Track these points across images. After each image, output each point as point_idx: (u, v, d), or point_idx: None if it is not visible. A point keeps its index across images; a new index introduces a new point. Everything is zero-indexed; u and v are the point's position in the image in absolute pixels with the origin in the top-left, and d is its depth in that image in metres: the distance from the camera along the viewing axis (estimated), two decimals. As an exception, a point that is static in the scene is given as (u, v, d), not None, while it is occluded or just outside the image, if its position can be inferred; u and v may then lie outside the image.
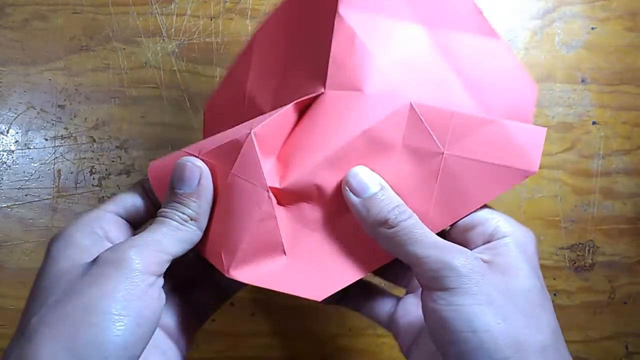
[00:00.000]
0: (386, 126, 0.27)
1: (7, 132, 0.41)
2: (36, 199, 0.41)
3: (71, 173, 0.41)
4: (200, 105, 0.41)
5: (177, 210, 0.26)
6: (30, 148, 0.41)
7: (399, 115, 0.27)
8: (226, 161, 0.27)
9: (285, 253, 0.27)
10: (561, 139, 0.42)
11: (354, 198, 0.26)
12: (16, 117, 0.41)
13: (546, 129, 0.27)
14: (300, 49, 0.30)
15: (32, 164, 0.41)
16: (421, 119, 0.27)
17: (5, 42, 0.41)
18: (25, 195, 0.41)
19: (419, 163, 0.27)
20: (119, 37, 0.41)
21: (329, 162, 0.27)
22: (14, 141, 0.41)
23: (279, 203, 0.27)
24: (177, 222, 0.26)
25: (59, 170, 0.41)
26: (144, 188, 0.29)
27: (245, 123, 0.28)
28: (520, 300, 0.24)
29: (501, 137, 0.27)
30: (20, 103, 0.41)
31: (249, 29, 0.42)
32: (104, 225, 0.27)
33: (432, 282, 0.24)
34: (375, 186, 0.26)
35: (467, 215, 0.27)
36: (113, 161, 0.41)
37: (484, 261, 0.25)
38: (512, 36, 0.42)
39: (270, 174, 0.27)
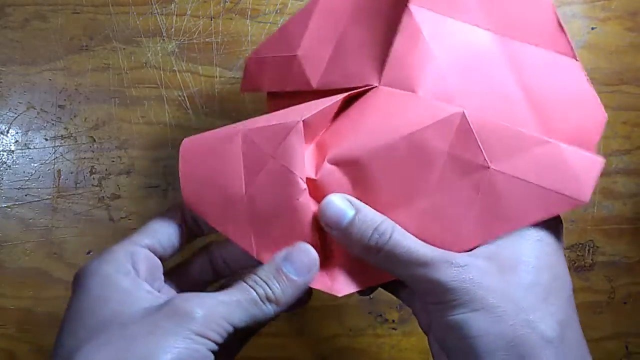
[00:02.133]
0: (433, 132, 0.26)
1: (7, 132, 0.41)
2: (36, 199, 0.41)
3: (71, 173, 0.41)
4: (200, 105, 0.41)
5: (267, 285, 0.25)
6: (30, 148, 0.41)
7: (449, 123, 0.25)
8: (270, 143, 0.26)
9: (313, 247, 0.26)
10: (561, 139, 0.42)
11: (333, 232, 0.26)
12: (16, 117, 0.41)
13: (604, 159, 0.26)
14: (362, 30, 0.29)
15: (32, 164, 0.41)
16: (471, 129, 0.25)
17: (5, 42, 0.41)
18: (25, 195, 0.41)
19: (463, 174, 0.25)
20: (119, 37, 0.41)
21: (367, 160, 0.26)
22: (14, 141, 0.41)
23: (310, 194, 0.27)
24: (260, 297, 0.25)
25: (59, 170, 0.41)
26: (182, 214, 0.29)
27: (295, 107, 0.28)
28: (519, 298, 0.23)
29: (554, 161, 0.25)
30: (20, 103, 0.41)
31: (249, 29, 0.42)
32: (137, 265, 0.26)
33: (426, 298, 0.25)
34: (351, 210, 0.26)
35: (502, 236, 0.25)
36: (113, 161, 0.41)
37: (489, 256, 0.24)
38: (512, 36, 0.42)
39: (307, 162, 0.26)
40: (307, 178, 0.26)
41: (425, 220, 0.26)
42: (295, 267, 0.26)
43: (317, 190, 0.27)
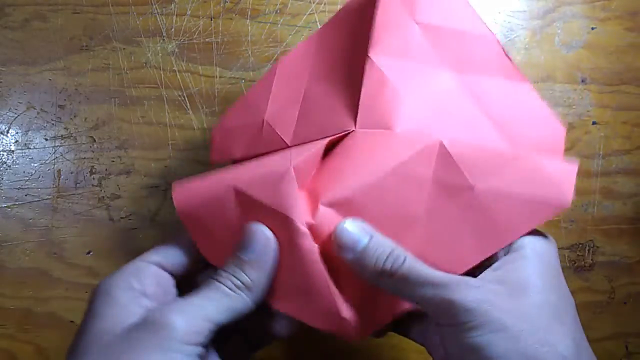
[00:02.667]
0: (416, 162, 0.27)
1: (7, 132, 0.41)
2: (36, 199, 0.41)
3: (71, 173, 0.41)
4: (200, 105, 0.41)
5: (232, 275, 0.26)
6: (30, 148, 0.41)
7: (428, 151, 0.27)
8: (263, 192, 0.27)
9: (336, 304, 0.27)
10: (561, 139, 0.42)
11: (345, 255, 0.26)
12: (16, 117, 0.41)
13: (578, 163, 0.27)
14: (324, 86, 0.31)
15: (32, 164, 0.41)
16: (450, 154, 0.27)
17: (5, 42, 0.41)
18: (25, 195, 0.41)
19: (450, 198, 0.27)
20: (119, 37, 0.41)
21: (360, 198, 0.27)
22: (14, 141, 0.41)
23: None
24: (229, 288, 0.26)
25: (59, 170, 0.41)
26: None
27: (279, 152, 0.29)
28: (534, 317, 0.24)
29: (532, 172, 0.26)
30: (20, 103, 0.41)
31: (249, 29, 0.42)
32: (143, 279, 0.27)
33: (441, 320, 0.24)
34: (365, 237, 0.26)
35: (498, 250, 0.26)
36: (113, 161, 0.41)
37: (498, 280, 0.25)
38: (512, 36, 0.42)
39: (302, 208, 0.27)
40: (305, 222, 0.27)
41: (423, 246, 0.27)
42: (252, 249, 0.26)
43: (316, 233, 0.27)
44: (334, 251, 0.26)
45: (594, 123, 0.42)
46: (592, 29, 0.43)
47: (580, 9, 0.43)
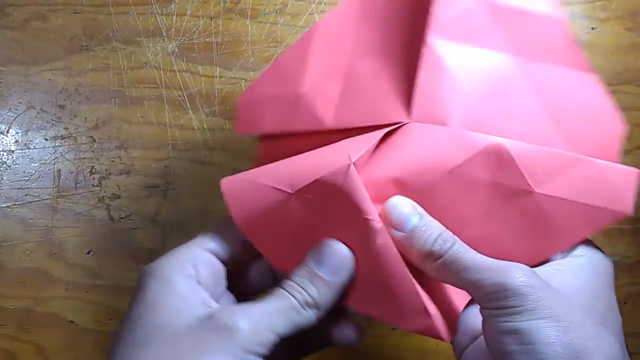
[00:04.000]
0: (475, 164, 0.26)
1: (7, 132, 0.41)
2: (36, 199, 0.41)
3: (71, 173, 0.41)
4: (200, 105, 0.41)
5: (303, 289, 0.25)
6: (30, 148, 0.41)
7: (488, 153, 0.26)
8: (327, 196, 0.26)
9: (422, 300, 0.25)
10: (561, 139, 0.42)
11: (396, 233, 0.26)
12: (16, 117, 0.41)
13: (639, 171, 0.26)
14: (372, 64, 0.29)
15: (32, 164, 0.41)
16: (512, 157, 0.26)
17: (6, 42, 0.41)
18: (25, 195, 0.41)
19: (508, 201, 0.26)
20: (119, 37, 0.41)
21: (413, 198, 0.26)
22: (14, 141, 0.41)
23: None
24: (299, 302, 0.25)
25: (59, 170, 0.41)
26: None
27: (331, 147, 0.27)
28: (583, 316, 0.24)
29: (593, 177, 0.26)
30: (20, 103, 0.41)
31: (249, 29, 0.42)
32: (199, 267, 0.26)
33: (490, 304, 0.24)
34: (415, 216, 0.26)
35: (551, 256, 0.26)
36: (113, 161, 0.41)
37: (550, 275, 0.25)
38: (512, 36, 0.42)
39: (371, 203, 0.26)
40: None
41: (476, 248, 0.26)
42: (327, 267, 0.26)
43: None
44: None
45: (594, 123, 0.42)
46: (592, 29, 0.43)
47: (580, 9, 0.43)
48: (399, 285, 0.25)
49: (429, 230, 0.25)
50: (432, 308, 0.26)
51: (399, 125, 0.27)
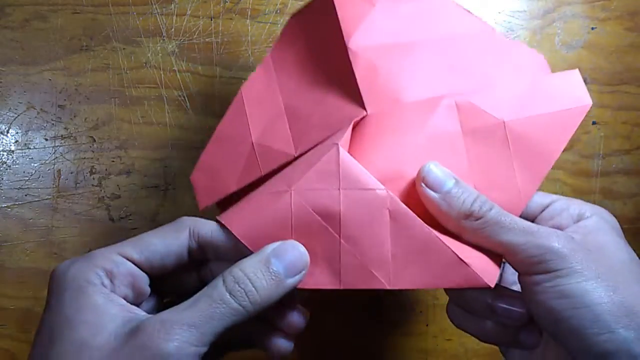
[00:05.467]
0: (441, 121, 0.28)
1: (7, 132, 0.41)
2: (36, 199, 0.41)
3: (71, 173, 0.41)
4: (200, 105, 0.41)
5: (252, 284, 0.23)
6: (30, 148, 0.41)
7: (448, 108, 0.28)
8: (327, 182, 0.26)
9: (454, 252, 0.25)
10: (561, 139, 0.42)
11: (432, 194, 0.26)
12: (16, 117, 0.41)
13: (577, 69, 0.29)
14: (309, 92, 0.31)
15: (32, 164, 0.41)
16: (472, 103, 0.28)
17: (5, 42, 0.41)
18: (25, 195, 0.41)
19: (487, 141, 0.28)
20: (119, 37, 0.41)
21: (406, 172, 0.27)
22: (14, 141, 0.41)
23: None
24: (239, 302, 0.23)
25: (59, 170, 0.41)
26: (190, 235, 0.26)
27: (312, 151, 0.28)
28: (624, 272, 0.24)
29: (545, 90, 0.28)
30: (20, 103, 0.41)
31: (249, 29, 0.42)
32: (115, 279, 0.24)
33: (533, 268, 0.24)
34: (450, 180, 0.26)
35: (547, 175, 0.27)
36: (113, 161, 0.41)
37: (579, 239, 0.25)
38: (512, 36, 0.42)
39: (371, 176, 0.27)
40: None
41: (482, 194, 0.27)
42: (285, 264, 0.24)
43: None
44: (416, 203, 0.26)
45: (593, 123, 0.42)
46: (592, 29, 0.43)
47: (580, 9, 0.43)
48: (425, 245, 0.25)
49: (466, 192, 0.26)
50: (467, 257, 0.25)
51: (360, 119, 0.29)
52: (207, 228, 0.26)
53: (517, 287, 0.28)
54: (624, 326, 0.22)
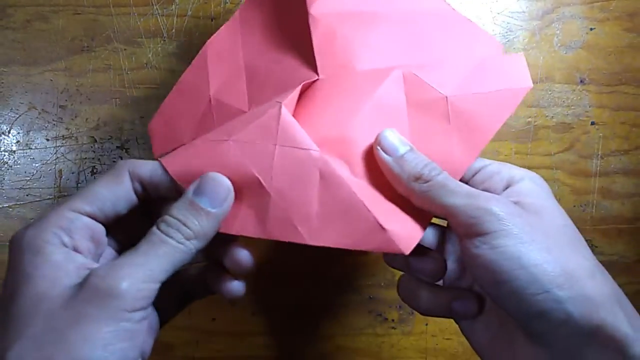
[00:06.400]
0: (388, 91, 0.29)
1: (9, 132, 0.41)
2: (37, 199, 0.41)
3: (72, 173, 0.41)
4: (200, 106, 0.41)
5: (183, 224, 0.25)
6: (31, 148, 0.41)
7: (395, 79, 0.29)
8: (265, 137, 0.27)
9: (376, 218, 0.26)
10: (560, 139, 0.42)
11: (386, 157, 0.27)
12: (17, 118, 0.41)
13: (522, 54, 0.30)
14: (269, 52, 0.32)
15: (34, 164, 0.41)
16: (416, 75, 0.29)
17: (7, 43, 0.41)
18: (27, 195, 0.41)
19: (429, 113, 0.29)
20: (120, 37, 0.41)
21: (349, 136, 0.28)
22: (15, 141, 0.41)
23: None
24: (177, 240, 0.24)
25: (60, 170, 0.41)
26: (130, 177, 0.27)
27: (258, 107, 0.29)
28: (559, 235, 0.25)
29: (490, 70, 0.29)
30: (21, 103, 0.41)
31: (249, 30, 0.42)
32: (74, 234, 0.24)
33: (472, 229, 0.25)
34: (405, 146, 0.27)
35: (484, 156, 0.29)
36: (114, 161, 0.41)
37: (515, 202, 0.26)
38: (511, 37, 0.43)
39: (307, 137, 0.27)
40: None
41: None
42: (209, 197, 0.25)
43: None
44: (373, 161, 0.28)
45: (592, 123, 0.43)
46: (591, 29, 0.43)
47: (578, 10, 0.43)
48: (349, 208, 0.27)
49: (418, 158, 0.27)
50: (387, 224, 0.26)
51: (311, 82, 0.30)
52: (145, 168, 0.27)
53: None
54: (557, 286, 0.23)
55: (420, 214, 0.28)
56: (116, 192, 0.26)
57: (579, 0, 0.43)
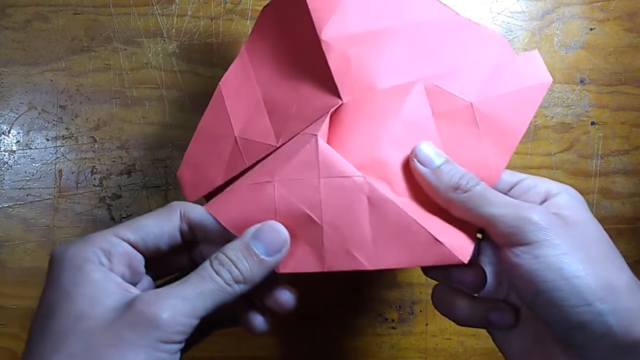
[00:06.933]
0: (413, 107, 0.29)
1: (9, 132, 0.41)
2: (37, 199, 0.41)
3: (72, 173, 0.41)
4: (201, 105, 0.41)
5: (234, 265, 0.25)
6: (31, 148, 0.41)
7: (418, 93, 0.29)
8: (307, 172, 0.27)
9: (430, 232, 0.26)
10: (560, 139, 0.42)
11: (423, 169, 0.27)
12: (17, 118, 0.41)
13: (536, 50, 0.30)
14: (285, 82, 0.32)
15: (34, 164, 0.41)
16: (440, 87, 0.29)
17: (7, 43, 0.41)
18: (27, 195, 0.41)
19: (456, 122, 0.29)
20: (120, 37, 0.41)
21: (384, 158, 0.28)
22: (15, 141, 0.41)
23: None
24: (226, 281, 0.24)
25: (60, 170, 0.41)
26: (180, 217, 0.27)
27: (289, 142, 0.30)
28: (598, 248, 0.25)
29: (508, 70, 0.30)
30: (21, 103, 0.41)
31: (249, 30, 0.42)
32: (112, 258, 0.25)
33: (513, 238, 0.25)
34: (441, 157, 0.27)
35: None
36: (114, 161, 0.41)
37: (554, 214, 0.26)
38: (511, 37, 0.43)
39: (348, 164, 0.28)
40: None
41: None
42: (265, 245, 0.25)
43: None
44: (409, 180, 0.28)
45: (592, 123, 0.43)
46: (591, 29, 0.43)
47: (578, 10, 0.43)
48: (402, 227, 0.27)
49: (455, 169, 0.27)
50: (441, 237, 0.26)
51: (337, 108, 0.30)
52: (197, 212, 0.28)
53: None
54: (599, 299, 0.23)
55: (466, 225, 0.28)
56: (163, 227, 0.27)
57: (579, 0, 0.43)
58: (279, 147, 0.31)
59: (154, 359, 0.22)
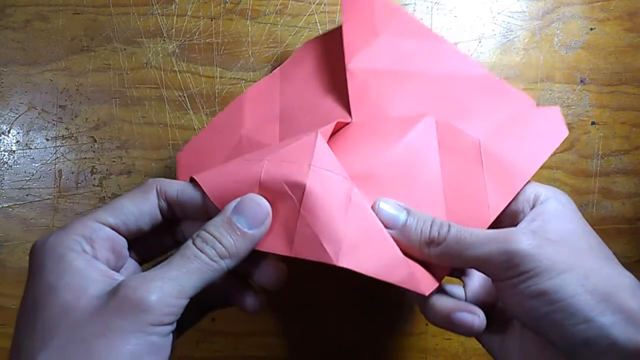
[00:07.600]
0: (419, 135, 0.30)
1: (9, 132, 0.41)
2: (37, 199, 0.41)
3: (72, 173, 0.41)
4: (201, 106, 0.41)
5: (219, 242, 0.24)
6: (31, 148, 0.41)
7: (428, 125, 0.30)
8: (300, 157, 0.27)
9: (401, 252, 0.26)
10: (560, 139, 0.42)
11: (391, 232, 0.26)
12: (17, 118, 0.41)
13: (559, 107, 0.30)
14: (305, 102, 0.34)
15: (33, 164, 0.41)
16: (448, 122, 0.30)
17: (7, 43, 0.41)
18: (27, 195, 0.41)
19: (461, 158, 0.29)
20: (120, 37, 0.41)
21: (378, 174, 0.29)
22: (15, 141, 0.41)
23: None
24: (211, 258, 0.24)
25: (60, 170, 0.41)
26: (157, 194, 0.27)
27: (296, 134, 0.31)
28: (592, 257, 0.24)
29: (526, 120, 0.30)
30: (21, 103, 0.41)
31: (249, 30, 0.42)
32: (95, 243, 0.24)
33: (504, 273, 0.24)
34: (403, 213, 0.26)
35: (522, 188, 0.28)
36: (114, 161, 0.41)
37: (540, 229, 0.25)
38: (511, 37, 0.43)
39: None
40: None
41: (448, 208, 0.28)
42: (247, 218, 0.25)
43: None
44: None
45: (592, 123, 0.43)
46: (591, 29, 0.43)
47: (579, 10, 0.43)
48: (376, 239, 0.26)
49: (421, 221, 0.26)
50: (410, 262, 0.26)
51: (345, 123, 0.31)
52: (173, 187, 0.27)
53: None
54: (600, 313, 0.23)
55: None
56: (141, 207, 0.26)
57: (579, 0, 0.43)
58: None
59: (145, 343, 0.21)
